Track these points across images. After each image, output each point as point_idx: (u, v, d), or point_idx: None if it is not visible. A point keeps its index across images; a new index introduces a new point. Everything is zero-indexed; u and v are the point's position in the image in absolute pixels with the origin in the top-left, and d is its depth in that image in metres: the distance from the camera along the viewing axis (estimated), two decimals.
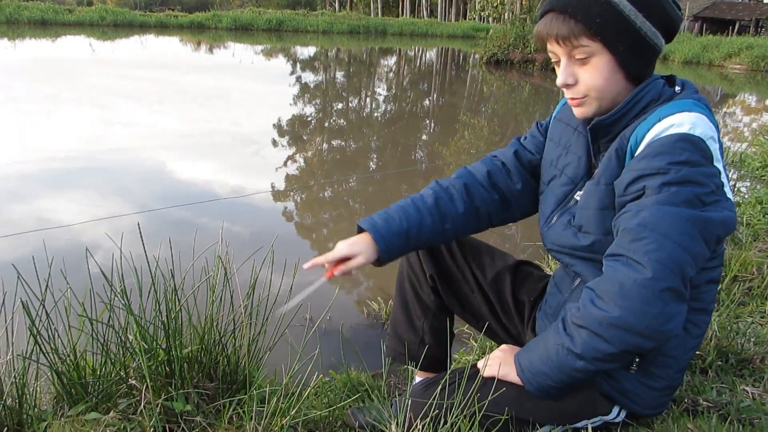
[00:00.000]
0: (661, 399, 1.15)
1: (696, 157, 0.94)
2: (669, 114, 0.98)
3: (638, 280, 0.91)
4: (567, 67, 1.06)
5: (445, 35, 31.31)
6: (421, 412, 1.11)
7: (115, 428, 1.19)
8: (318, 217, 4.17)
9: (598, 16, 1.00)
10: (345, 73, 15.00)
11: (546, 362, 1.04)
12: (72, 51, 15.72)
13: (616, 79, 1.04)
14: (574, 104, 1.10)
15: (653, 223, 0.93)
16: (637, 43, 1.02)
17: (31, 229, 3.41)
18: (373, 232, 1.23)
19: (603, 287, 0.96)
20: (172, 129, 6.67)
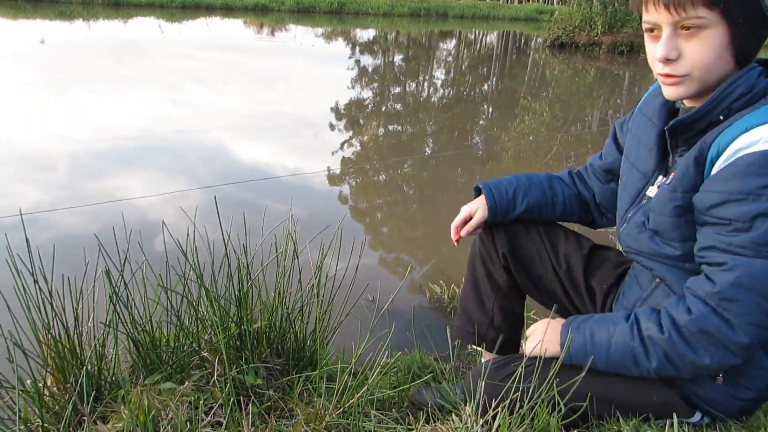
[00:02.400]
0: (748, 408, 1.08)
1: None
2: (758, 124, 0.86)
3: (732, 340, 0.91)
4: (670, 38, 0.93)
5: (507, 18, 30.59)
6: (496, 395, 1.08)
7: (188, 398, 1.22)
8: (372, 201, 4.18)
9: None
10: (404, 56, 14.90)
11: (605, 352, 1.04)
12: (142, 32, 16.24)
13: (726, 58, 0.92)
14: (668, 82, 0.97)
15: (749, 284, 0.87)
16: (756, 18, 0.90)
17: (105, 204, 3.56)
18: (484, 186, 1.37)
19: (691, 328, 0.94)
20: (235, 110, 6.80)
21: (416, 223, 3.68)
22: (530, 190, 1.36)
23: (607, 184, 1.37)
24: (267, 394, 1.27)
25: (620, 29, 15.81)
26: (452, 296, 2.43)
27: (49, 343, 1.27)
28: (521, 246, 1.39)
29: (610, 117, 7.66)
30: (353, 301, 1.50)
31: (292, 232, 1.50)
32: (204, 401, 1.22)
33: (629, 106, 8.47)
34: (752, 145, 0.85)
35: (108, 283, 1.26)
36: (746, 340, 0.90)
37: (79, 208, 3.45)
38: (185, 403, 1.20)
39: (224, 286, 1.45)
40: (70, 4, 22.25)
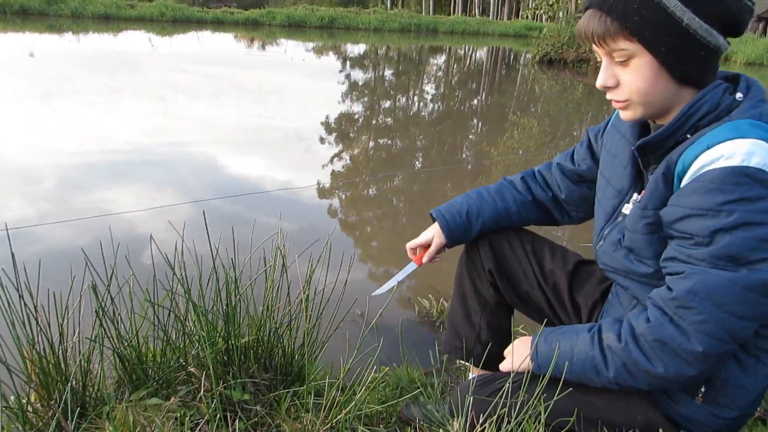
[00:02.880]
0: (731, 426, 1.08)
1: (753, 192, 0.83)
2: (719, 141, 0.87)
3: (685, 348, 0.91)
4: (607, 68, 0.97)
5: (496, 34, 30.94)
6: (484, 411, 1.08)
7: (175, 414, 1.21)
8: (362, 215, 4.18)
9: (637, 14, 0.89)
10: (394, 71, 15.00)
11: (568, 361, 1.05)
12: (133, 45, 16.25)
13: (662, 82, 0.94)
14: (617, 107, 1.01)
15: (704, 292, 0.88)
16: (682, 42, 0.90)
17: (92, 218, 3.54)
18: (437, 214, 1.40)
19: (647, 336, 0.95)
20: (226, 123, 6.80)
21: (406, 237, 3.67)
22: (482, 208, 1.38)
23: (576, 185, 1.37)
24: (254, 409, 1.26)
25: None
26: (441, 310, 2.43)
27: (33, 359, 1.26)
28: (507, 263, 1.40)
29: None
30: (342, 315, 1.50)
31: (281, 246, 1.50)
32: (190, 417, 1.21)
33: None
34: (714, 162, 0.87)
35: (94, 297, 1.25)
36: (700, 349, 0.89)
37: (66, 223, 3.42)
38: (171, 419, 1.19)
39: (212, 301, 1.44)
40: (60, 18, 22.26)
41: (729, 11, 0.90)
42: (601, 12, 0.93)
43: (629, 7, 0.90)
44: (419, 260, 1.44)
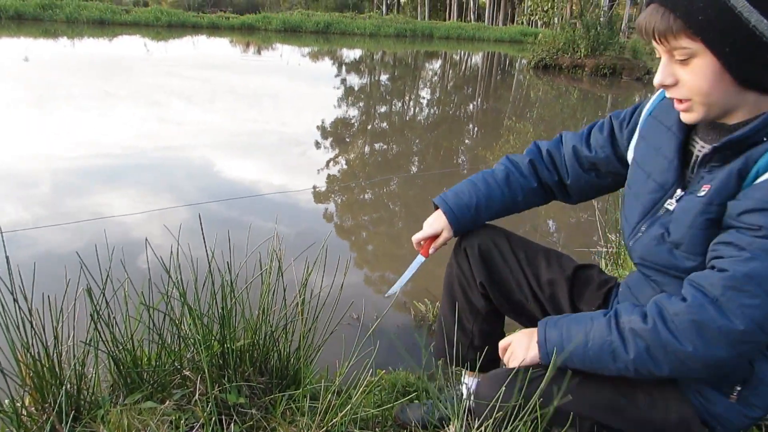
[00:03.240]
0: (749, 425, 1.09)
1: None
2: None
3: (724, 329, 0.88)
4: (666, 66, 0.95)
5: (492, 39, 31.04)
6: (483, 413, 1.07)
7: (169, 418, 1.20)
8: (358, 219, 4.18)
9: (701, 12, 0.86)
10: (390, 76, 15.03)
11: (582, 348, 1.01)
12: (128, 50, 16.23)
13: (723, 84, 0.91)
14: (678, 108, 0.99)
15: (762, 278, 0.86)
16: (748, 44, 0.87)
17: (87, 222, 3.53)
18: (444, 206, 1.38)
19: (682, 316, 0.92)
20: (222, 128, 6.80)
21: (401, 241, 3.69)
22: (491, 200, 1.36)
23: (586, 173, 1.34)
24: (249, 413, 1.26)
25: (603, 52, 16.12)
26: (437, 314, 2.42)
27: (28, 363, 1.25)
28: (498, 274, 1.38)
29: None
30: (338, 319, 1.50)
31: (276, 250, 1.50)
32: (185, 421, 1.21)
33: None
34: None
35: (89, 301, 1.25)
36: (741, 328, 0.87)
37: (61, 226, 3.41)
38: (166, 422, 1.19)
39: (207, 304, 1.44)
40: (55, 23, 22.22)
41: None
42: (664, 8, 0.90)
43: (694, 4, 0.87)
44: (426, 252, 1.42)
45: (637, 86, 14.16)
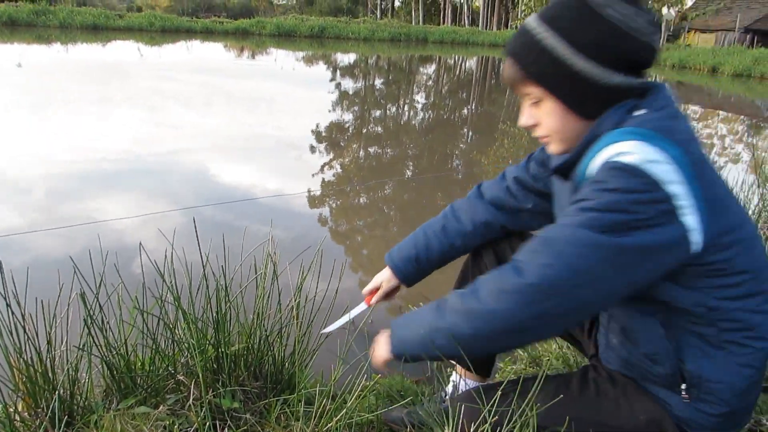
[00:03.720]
0: (725, 424, 1.09)
1: (628, 184, 0.87)
2: (603, 147, 0.94)
3: (517, 285, 0.91)
4: (526, 109, 1.05)
5: (486, 44, 31.16)
6: (474, 418, 1.08)
7: (163, 423, 1.20)
8: (353, 223, 4.19)
9: (536, 63, 0.97)
10: (384, 80, 15.07)
11: (415, 329, 1.06)
12: (122, 55, 16.21)
13: (571, 120, 1.00)
14: (543, 143, 1.09)
15: (554, 239, 0.91)
16: (581, 86, 0.96)
17: (81, 227, 3.51)
18: (389, 261, 1.50)
19: (489, 282, 0.97)
20: (217, 132, 6.79)
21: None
22: (429, 250, 1.44)
23: (543, 200, 1.36)
24: (244, 418, 1.25)
25: None
26: None
27: (20, 368, 1.24)
28: None
29: None
30: (332, 323, 1.50)
31: (271, 254, 1.50)
32: (179, 426, 1.20)
33: None
34: (598, 164, 0.94)
35: (83, 306, 1.25)
36: (531, 281, 0.90)
37: (55, 232, 3.40)
38: (159, 427, 1.18)
39: (202, 309, 1.44)
40: (48, 28, 22.17)
41: (625, 53, 0.94)
42: (512, 60, 1.02)
43: (530, 56, 0.97)
44: (369, 301, 1.53)
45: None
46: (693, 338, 1.01)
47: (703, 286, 0.96)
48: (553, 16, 0.96)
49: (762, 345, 1.01)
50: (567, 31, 0.95)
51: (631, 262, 0.89)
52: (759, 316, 0.99)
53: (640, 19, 0.94)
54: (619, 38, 0.93)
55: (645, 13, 0.95)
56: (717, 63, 20.61)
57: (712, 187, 0.92)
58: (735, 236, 0.94)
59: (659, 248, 0.89)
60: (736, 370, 1.02)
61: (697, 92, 15.78)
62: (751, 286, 0.97)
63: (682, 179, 0.88)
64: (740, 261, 0.95)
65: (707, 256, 0.93)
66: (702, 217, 0.89)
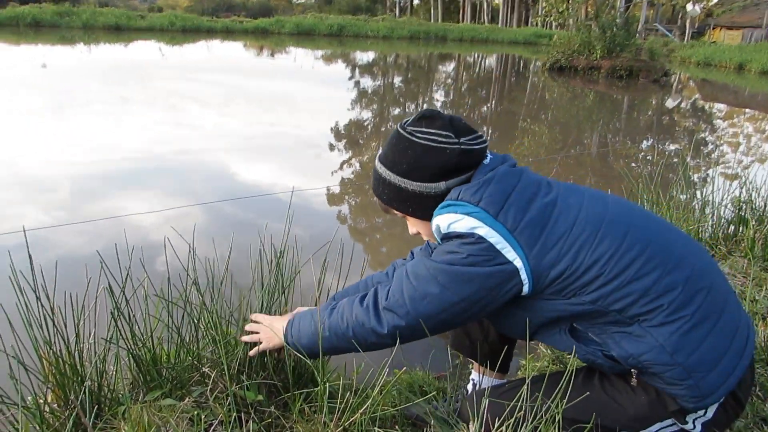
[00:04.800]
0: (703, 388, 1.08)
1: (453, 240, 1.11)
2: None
3: (376, 331, 1.15)
4: (408, 224, 1.30)
5: (506, 41, 30.97)
6: (499, 414, 1.09)
7: (188, 415, 1.22)
8: (372, 221, 4.20)
9: (383, 193, 1.23)
10: (403, 78, 15.05)
11: (307, 328, 1.24)
12: (143, 55, 16.43)
13: (426, 224, 1.22)
14: (424, 239, 1.33)
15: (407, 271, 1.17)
16: (418, 199, 1.19)
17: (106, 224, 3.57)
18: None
19: (356, 311, 1.19)
20: (237, 131, 6.85)
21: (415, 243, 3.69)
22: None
23: None
24: (268, 411, 1.26)
25: (619, 54, 15.94)
26: None
27: (50, 360, 1.27)
28: None
29: (609, 140, 7.71)
30: None
31: (294, 249, 1.52)
32: (204, 417, 1.22)
33: (627, 130, 8.54)
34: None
35: (110, 299, 1.27)
36: (386, 332, 1.14)
37: (81, 229, 3.46)
38: (185, 419, 1.20)
39: (225, 303, 1.45)
40: (72, 29, 22.52)
41: (439, 167, 1.15)
42: (374, 194, 1.28)
43: (380, 191, 1.24)
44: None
45: (654, 88, 14.03)
46: (608, 328, 1.10)
47: (568, 293, 1.08)
48: (385, 154, 1.22)
49: (661, 302, 1.05)
50: (392, 164, 1.19)
51: (460, 280, 1.09)
52: (637, 282, 1.05)
53: (443, 132, 1.16)
54: (430, 154, 1.15)
55: (448, 125, 1.17)
56: (744, 60, 20.21)
57: (521, 216, 1.08)
58: (562, 244, 1.06)
59: (495, 273, 1.07)
60: (658, 335, 1.06)
61: (722, 90, 15.50)
62: (608, 268, 1.06)
63: (481, 225, 1.07)
64: (582, 259, 1.06)
65: (546, 272, 1.07)
66: (512, 243, 1.06)
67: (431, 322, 1.12)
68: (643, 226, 1.12)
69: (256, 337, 1.31)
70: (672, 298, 1.05)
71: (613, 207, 1.14)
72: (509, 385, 1.24)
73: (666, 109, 11.10)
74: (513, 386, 1.21)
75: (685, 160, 6.64)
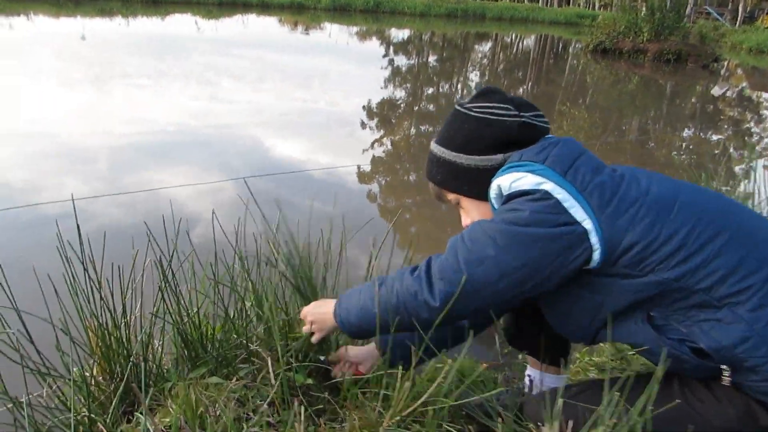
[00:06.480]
0: None
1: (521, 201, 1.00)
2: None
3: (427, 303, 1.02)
4: (462, 215, 1.22)
5: (546, 21, 30.20)
6: (573, 417, 1.01)
7: (236, 395, 1.18)
8: (402, 200, 4.16)
9: (437, 173, 1.18)
10: (438, 57, 14.81)
11: (355, 303, 1.11)
12: (180, 28, 16.47)
13: (481, 206, 1.16)
14: None
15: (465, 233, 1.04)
16: (473, 174, 1.13)
17: (147, 198, 3.58)
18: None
19: (407, 281, 1.06)
20: (271, 107, 6.81)
21: (444, 224, 3.62)
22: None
23: None
24: (321, 396, 1.22)
25: (668, 37, 15.28)
26: None
27: (96, 332, 1.24)
28: None
29: (650, 126, 7.46)
30: None
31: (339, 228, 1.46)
32: (252, 398, 1.18)
33: (670, 117, 8.25)
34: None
35: (159, 272, 1.23)
36: (437, 305, 1.00)
37: (121, 201, 3.47)
38: (233, 399, 1.16)
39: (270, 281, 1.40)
40: (110, 2, 22.68)
41: (497, 139, 1.11)
42: (427, 178, 1.23)
43: (432, 170, 1.19)
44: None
45: (702, 74, 13.51)
46: (694, 314, 0.97)
47: (646, 267, 0.96)
48: (440, 133, 1.19)
49: (753, 281, 0.94)
50: (447, 140, 1.16)
51: (528, 244, 0.98)
52: (723, 258, 0.95)
53: (502, 105, 1.12)
54: (488, 127, 1.11)
55: (508, 101, 1.13)
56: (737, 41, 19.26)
57: (591, 178, 1.00)
58: (636, 210, 0.97)
59: (561, 235, 0.97)
60: (750, 320, 0.93)
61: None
62: (690, 239, 0.96)
63: (546, 180, 0.99)
64: (660, 229, 0.96)
65: (619, 239, 0.96)
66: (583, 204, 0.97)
67: (487, 292, 0.99)
68: (719, 204, 1.04)
69: (307, 328, 1.21)
70: (764, 277, 0.94)
71: (685, 185, 1.07)
72: (583, 386, 1.15)
73: (711, 96, 10.69)
74: (586, 387, 1.12)
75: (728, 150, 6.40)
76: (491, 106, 1.12)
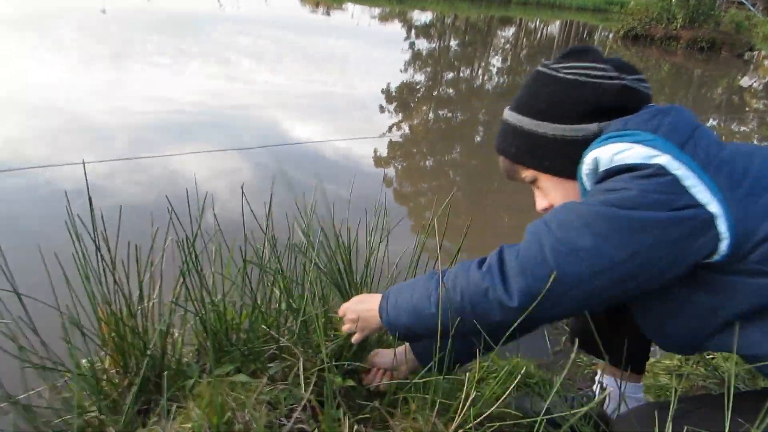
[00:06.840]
0: None
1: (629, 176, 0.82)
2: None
3: (503, 302, 0.83)
4: (536, 195, 1.04)
5: (574, 7, 29.39)
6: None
7: (266, 397, 1.03)
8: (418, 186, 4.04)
9: (512, 145, 1.00)
10: (460, 41, 14.50)
11: (407, 303, 0.95)
12: (201, 4, 16.27)
13: (566, 184, 0.97)
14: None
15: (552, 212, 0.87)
16: (558, 146, 0.95)
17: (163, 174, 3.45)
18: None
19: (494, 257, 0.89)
20: (289, 89, 6.66)
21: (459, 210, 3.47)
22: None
23: None
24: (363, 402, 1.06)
25: (702, 24, 14.77)
26: None
27: (108, 321, 1.09)
28: None
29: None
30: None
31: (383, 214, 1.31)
32: (284, 400, 1.03)
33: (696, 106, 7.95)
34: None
35: (180, 254, 1.08)
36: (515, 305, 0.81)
37: (138, 179, 3.36)
38: (263, 402, 1.01)
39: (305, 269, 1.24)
40: None
41: (591, 104, 0.92)
42: (498, 152, 1.05)
43: (506, 142, 1.01)
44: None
45: (736, 63, 13.06)
46: None
47: None
48: (517, 98, 1.01)
49: None
50: (526, 106, 0.98)
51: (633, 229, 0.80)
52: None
53: (598, 65, 0.93)
54: (580, 90, 0.93)
55: (606, 61, 0.95)
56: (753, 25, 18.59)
57: (716, 151, 0.82)
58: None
59: (675, 220, 0.79)
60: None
61: None
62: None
63: (660, 153, 0.80)
64: None
65: (754, 228, 0.77)
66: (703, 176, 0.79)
67: (578, 292, 0.79)
68: None
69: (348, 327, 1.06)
70: None
71: None
72: (693, 402, 0.97)
73: (739, 87, 10.33)
74: (699, 404, 0.94)
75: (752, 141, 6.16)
76: (585, 66, 0.94)
